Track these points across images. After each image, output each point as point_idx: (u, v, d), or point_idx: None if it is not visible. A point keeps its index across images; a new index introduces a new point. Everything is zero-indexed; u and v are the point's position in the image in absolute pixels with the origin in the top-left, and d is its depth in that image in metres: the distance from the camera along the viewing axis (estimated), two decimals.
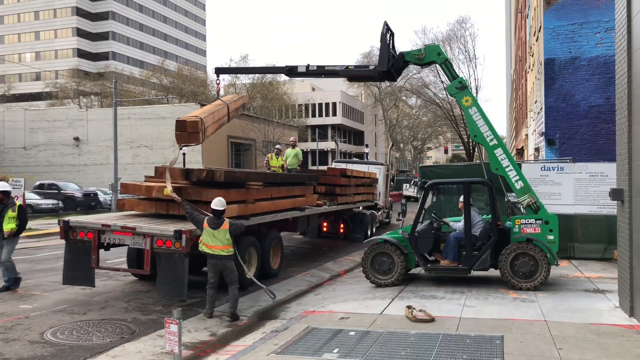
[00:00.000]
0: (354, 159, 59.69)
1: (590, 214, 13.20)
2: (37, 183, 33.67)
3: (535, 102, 22.66)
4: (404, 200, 16.23)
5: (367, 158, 61.97)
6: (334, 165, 22.82)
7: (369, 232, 19.29)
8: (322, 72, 11.79)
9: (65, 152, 44.37)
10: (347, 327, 7.50)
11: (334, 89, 78.89)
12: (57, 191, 32.36)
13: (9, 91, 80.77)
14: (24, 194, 21.91)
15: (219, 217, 8.39)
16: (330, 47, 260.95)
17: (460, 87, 10.67)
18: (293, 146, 17.77)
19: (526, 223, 10.02)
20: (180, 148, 11.01)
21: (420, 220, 10.53)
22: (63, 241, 9.68)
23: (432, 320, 7.66)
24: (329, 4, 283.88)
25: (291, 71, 11.78)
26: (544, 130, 18.80)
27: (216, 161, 39.32)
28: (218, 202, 8.47)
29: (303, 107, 72.69)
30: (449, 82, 10.89)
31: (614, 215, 9.91)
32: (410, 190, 45.44)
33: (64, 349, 7.03)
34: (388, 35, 10.99)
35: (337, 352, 6.42)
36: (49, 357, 6.73)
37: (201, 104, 40.93)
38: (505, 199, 10.83)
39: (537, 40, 21.86)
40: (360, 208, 19.49)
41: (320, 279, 12.13)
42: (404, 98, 65.29)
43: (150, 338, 7.50)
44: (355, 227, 18.81)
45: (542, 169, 13.70)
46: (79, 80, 71.58)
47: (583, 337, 6.80)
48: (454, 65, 11.67)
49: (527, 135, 28.99)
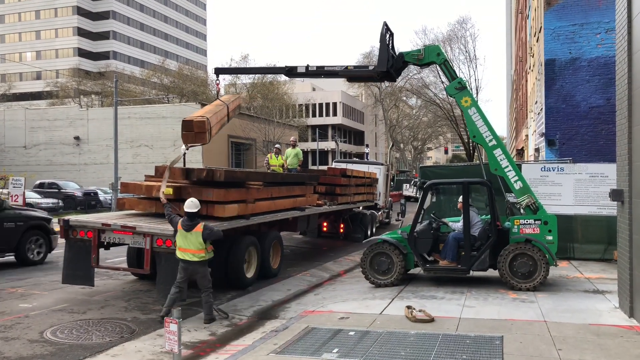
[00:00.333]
0: (354, 159, 59.74)
1: (590, 215, 13.21)
2: (38, 182, 33.70)
3: (536, 103, 22.65)
4: (403, 201, 16.23)
5: (367, 158, 62.03)
6: (334, 165, 22.83)
7: (369, 232, 19.29)
8: (321, 72, 11.80)
9: (65, 151, 44.39)
10: (347, 327, 7.50)
11: (335, 89, 78.92)
12: (57, 190, 32.35)
13: (9, 90, 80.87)
14: (24, 192, 21.98)
15: (191, 219, 8.13)
16: (330, 47, 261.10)
17: (459, 87, 10.69)
18: (293, 146, 17.74)
19: (525, 223, 10.02)
20: (187, 148, 11.04)
21: (420, 220, 10.54)
22: (63, 240, 9.70)
23: (431, 320, 7.66)
24: (329, 4, 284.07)
25: (291, 72, 11.78)
26: (544, 131, 18.79)
27: (216, 161, 39.30)
28: (190, 204, 8.23)
29: (303, 107, 72.71)
30: (449, 83, 10.91)
31: (614, 216, 9.91)
32: (410, 191, 45.45)
33: (64, 348, 7.04)
34: (387, 36, 10.99)
35: (337, 351, 6.43)
36: (49, 356, 6.74)
37: (202, 104, 40.93)
38: (504, 200, 10.84)
39: (537, 41, 21.86)
40: (360, 208, 19.50)
41: (320, 279, 12.13)
42: (405, 98, 65.31)
43: (150, 337, 7.51)
44: (355, 227, 18.81)
45: (542, 169, 13.70)
46: (80, 79, 71.63)
47: (583, 338, 6.81)
48: (455, 66, 11.72)
49: (527, 135, 28.98)
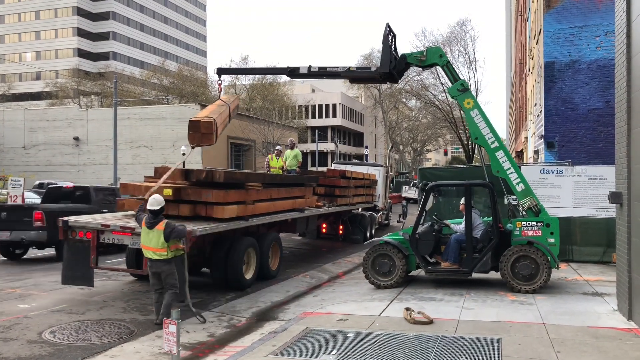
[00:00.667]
0: (354, 160, 59.75)
1: (589, 217, 13.22)
2: (37, 182, 33.62)
3: (535, 105, 22.68)
4: (404, 202, 16.24)
5: (366, 159, 62.01)
6: (333, 166, 22.82)
7: (368, 234, 19.29)
8: (324, 73, 11.77)
9: (64, 151, 44.38)
10: (346, 328, 7.50)
11: (334, 91, 78.95)
12: None
13: (9, 90, 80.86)
14: (23, 193, 21.94)
15: (155, 216, 7.97)
16: (329, 49, 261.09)
17: (462, 89, 10.68)
18: (292, 147, 17.52)
19: (527, 226, 10.02)
20: (193, 148, 11.04)
21: (421, 222, 10.53)
22: (62, 241, 9.69)
23: (430, 322, 7.67)
24: (329, 5, 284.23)
25: (293, 72, 11.75)
26: (543, 133, 18.81)
27: (216, 162, 39.31)
28: (152, 201, 8.06)
29: (303, 109, 72.74)
30: (451, 85, 10.89)
31: (612, 218, 9.92)
32: (409, 192, 45.43)
33: (62, 348, 7.03)
34: (390, 37, 10.98)
35: (336, 353, 6.42)
36: (47, 357, 6.73)
37: (201, 105, 40.96)
38: (505, 202, 10.84)
39: (537, 43, 21.88)
40: (360, 209, 19.50)
41: (319, 281, 12.12)
42: (404, 100, 65.42)
43: (149, 338, 7.50)
44: (355, 228, 18.80)
45: (542, 171, 13.71)
46: (79, 80, 71.62)
47: (581, 340, 6.81)
48: (454, 68, 11.67)
49: (526, 137, 29.01)
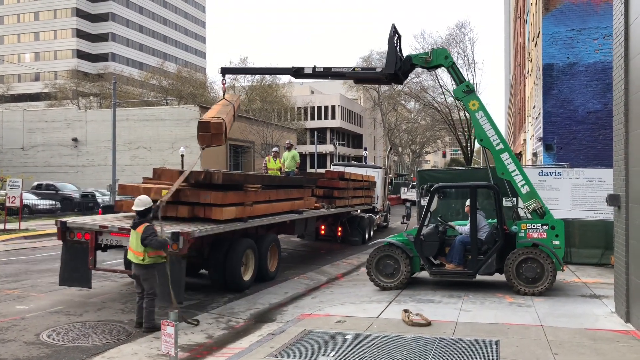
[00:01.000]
0: (353, 162, 59.75)
1: (588, 220, 13.24)
2: (35, 184, 33.61)
3: (534, 107, 22.71)
4: (408, 204, 16.27)
5: (365, 161, 61.99)
6: (332, 168, 22.83)
7: (366, 236, 19.30)
8: (328, 73, 11.73)
9: (63, 152, 44.34)
10: (344, 330, 7.50)
11: (333, 92, 78.98)
12: (54, 192, 32.29)
13: (7, 91, 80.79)
14: (21, 194, 21.91)
15: (140, 217, 7.78)
16: (329, 51, 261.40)
17: (467, 90, 10.66)
18: (289, 149, 17.44)
19: (532, 228, 10.01)
20: (203, 149, 11.04)
21: (426, 223, 10.53)
22: (60, 242, 9.68)
23: (428, 324, 7.67)
24: (328, 7, 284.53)
25: (298, 72, 11.70)
26: (541, 136, 18.82)
27: (214, 163, 39.29)
28: (137, 202, 7.86)
29: (302, 110, 72.78)
30: (456, 86, 10.86)
31: (610, 220, 9.91)
32: (408, 194, 45.46)
33: (60, 350, 7.03)
34: (395, 38, 10.96)
35: (334, 355, 6.42)
36: (45, 358, 6.73)
37: (200, 106, 40.92)
38: (511, 204, 10.84)
39: (535, 46, 21.92)
40: (358, 211, 19.51)
41: (318, 282, 12.12)
42: (403, 102, 65.44)
43: (147, 340, 7.50)
44: (353, 230, 18.81)
45: (540, 174, 13.72)
46: (78, 81, 71.63)
47: (579, 343, 6.81)
48: None
49: (525, 140, 29.05)
